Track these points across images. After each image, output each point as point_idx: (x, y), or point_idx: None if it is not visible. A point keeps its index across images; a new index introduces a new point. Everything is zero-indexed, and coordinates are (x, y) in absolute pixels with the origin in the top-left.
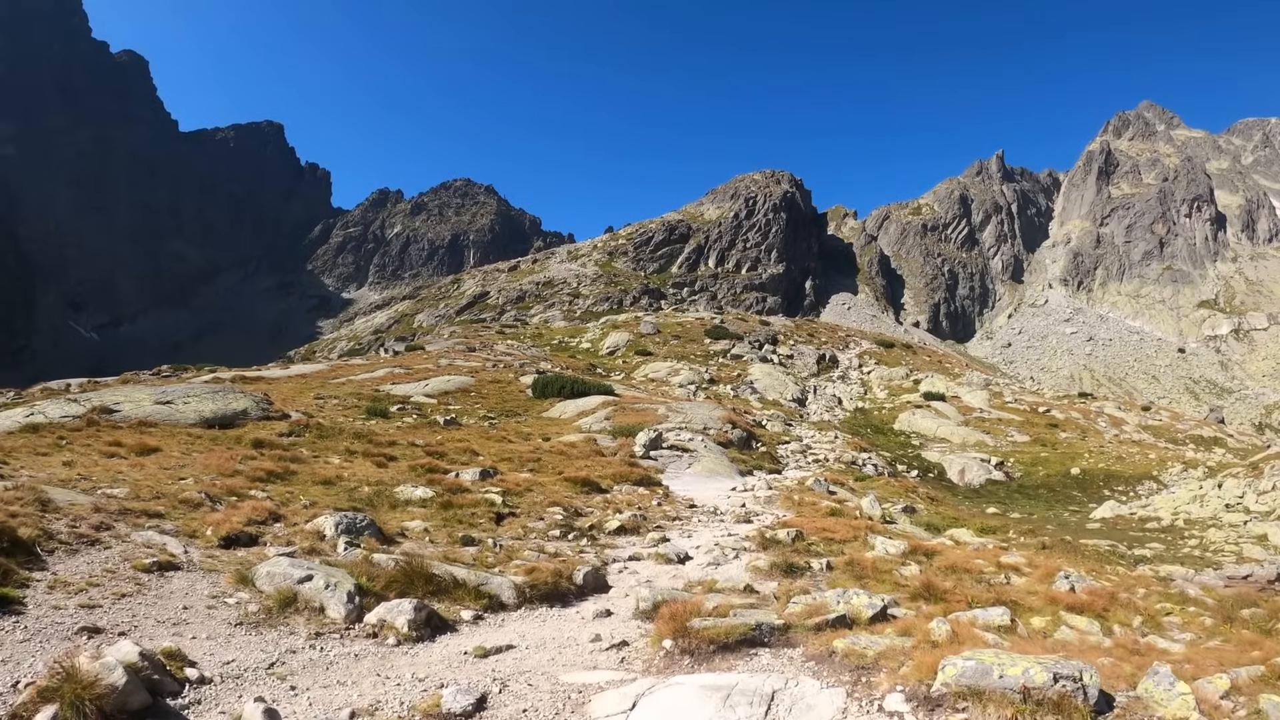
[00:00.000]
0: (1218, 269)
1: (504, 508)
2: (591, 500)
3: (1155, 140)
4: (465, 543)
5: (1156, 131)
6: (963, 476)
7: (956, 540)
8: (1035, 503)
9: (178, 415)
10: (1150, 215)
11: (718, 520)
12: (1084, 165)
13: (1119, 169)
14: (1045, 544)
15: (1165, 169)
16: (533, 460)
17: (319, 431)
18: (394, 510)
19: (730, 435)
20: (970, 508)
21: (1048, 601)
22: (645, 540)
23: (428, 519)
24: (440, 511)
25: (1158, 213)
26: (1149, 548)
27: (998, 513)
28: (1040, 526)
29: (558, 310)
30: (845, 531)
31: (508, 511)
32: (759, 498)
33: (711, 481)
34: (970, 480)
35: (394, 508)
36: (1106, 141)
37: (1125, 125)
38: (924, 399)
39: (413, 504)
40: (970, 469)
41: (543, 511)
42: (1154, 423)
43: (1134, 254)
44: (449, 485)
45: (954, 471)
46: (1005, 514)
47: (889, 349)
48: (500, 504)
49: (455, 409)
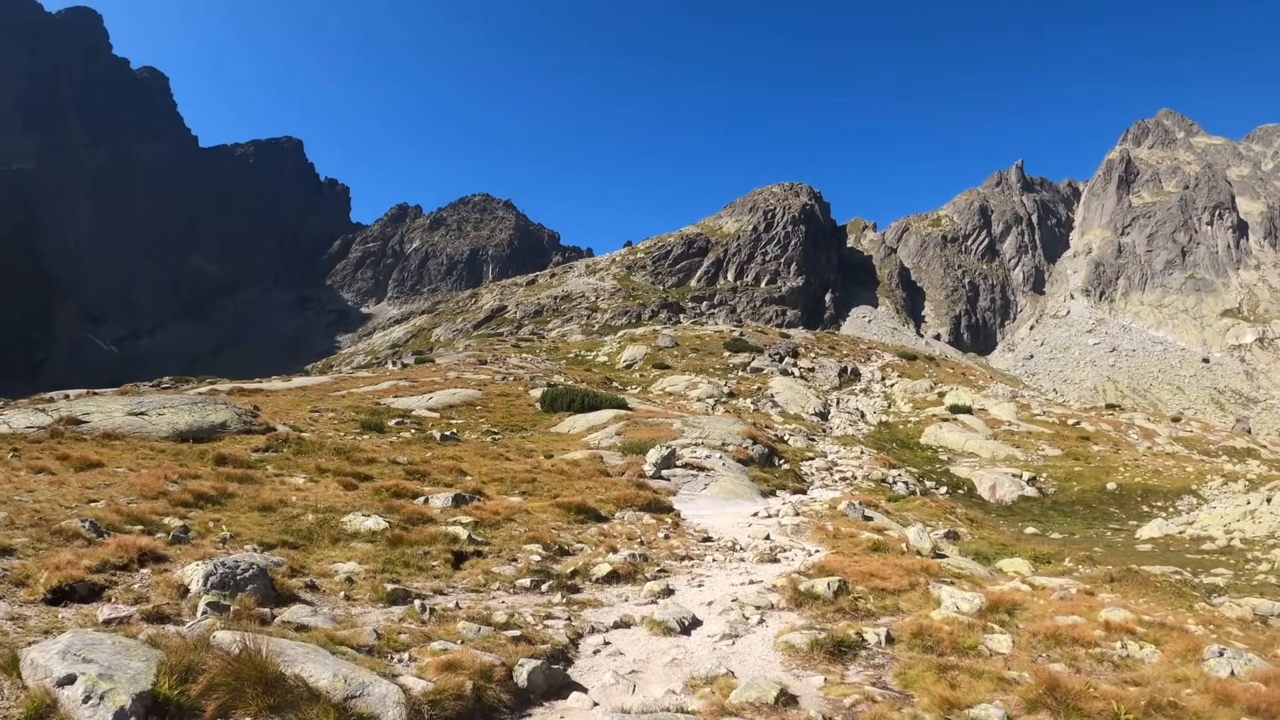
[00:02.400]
0: (1240, 277)
1: (469, 545)
2: (585, 532)
3: (1175, 148)
4: (393, 600)
5: (1176, 139)
6: (994, 493)
7: (1022, 577)
8: (1072, 520)
9: (149, 428)
10: (1172, 224)
11: (736, 558)
12: (1104, 174)
13: (1139, 177)
14: (1112, 575)
15: (1186, 177)
16: (527, 481)
17: (297, 447)
18: (332, 547)
19: (751, 452)
20: (1007, 527)
21: (1218, 700)
22: (642, 592)
23: (367, 559)
24: (386, 550)
25: (1179, 221)
26: (1217, 574)
27: (1037, 533)
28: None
29: (575, 324)
30: (897, 576)
31: (473, 550)
32: (785, 526)
33: (730, 505)
34: (1002, 497)
35: (334, 543)
36: (1126, 150)
37: (1145, 133)
38: (950, 412)
39: (359, 538)
40: (1002, 485)
41: (518, 550)
42: (1185, 434)
43: (1156, 263)
44: (410, 514)
45: (984, 488)
46: (1045, 534)
47: (911, 361)
48: (465, 540)
49: (457, 423)
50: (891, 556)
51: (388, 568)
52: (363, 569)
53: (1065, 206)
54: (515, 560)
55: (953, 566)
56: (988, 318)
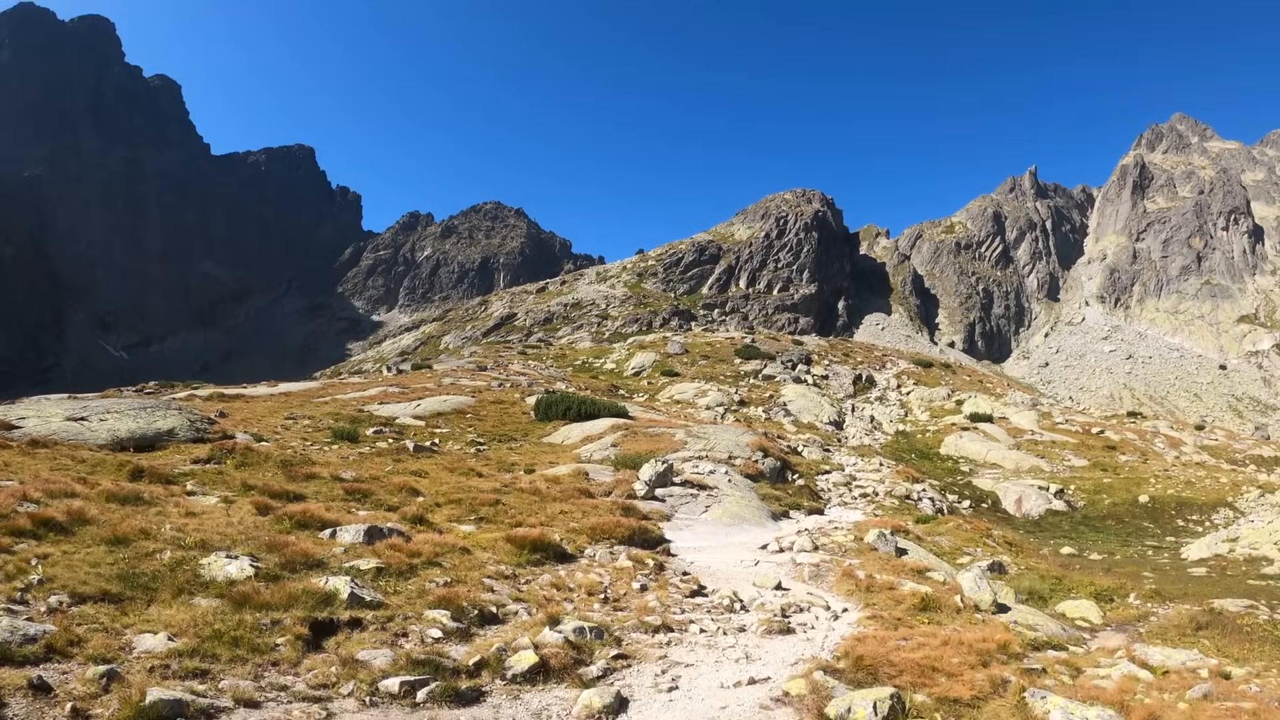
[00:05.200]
0: (1257, 282)
1: (347, 608)
2: (535, 582)
3: (1189, 153)
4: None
5: (1190, 144)
6: (1020, 507)
7: (1139, 660)
8: (1106, 537)
9: (87, 434)
10: (1187, 229)
11: (735, 626)
12: (1118, 180)
13: (1153, 183)
14: (1197, 620)
15: (1200, 181)
16: (489, 504)
17: (242, 458)
18: (170, 602)
19: (761, 465)
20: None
21: None
22: (577, 707)
23: (192, 627)
24: (226, 614)
25: (1194, 226)
26: None
27: (1074, 553)
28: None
29: (585, 332)
30: (968, 668)
31: (349, 617)
32: (801, 567)
33: (735, 533)
34: (1029, 511)
35: (176, 595)
36: (1140, 155)
37: (1158, 138)
38: (970, 420)
39: (211, 589)
40: (1028, 498)
41: (417, 617)
42: (1210, 442)
43: (1171, 269)
44: (293, 556)
45: (1010, 501)
46: (1082, 554)
47: (927, 369)
48: (344, 600)
49: (442, 432)
50: (949, 622)
51: (206, 646)
52: (170, 646)
53: (1079, 212)
54: (404, 636)
55: (1025, 627)
56: (1002, 325)
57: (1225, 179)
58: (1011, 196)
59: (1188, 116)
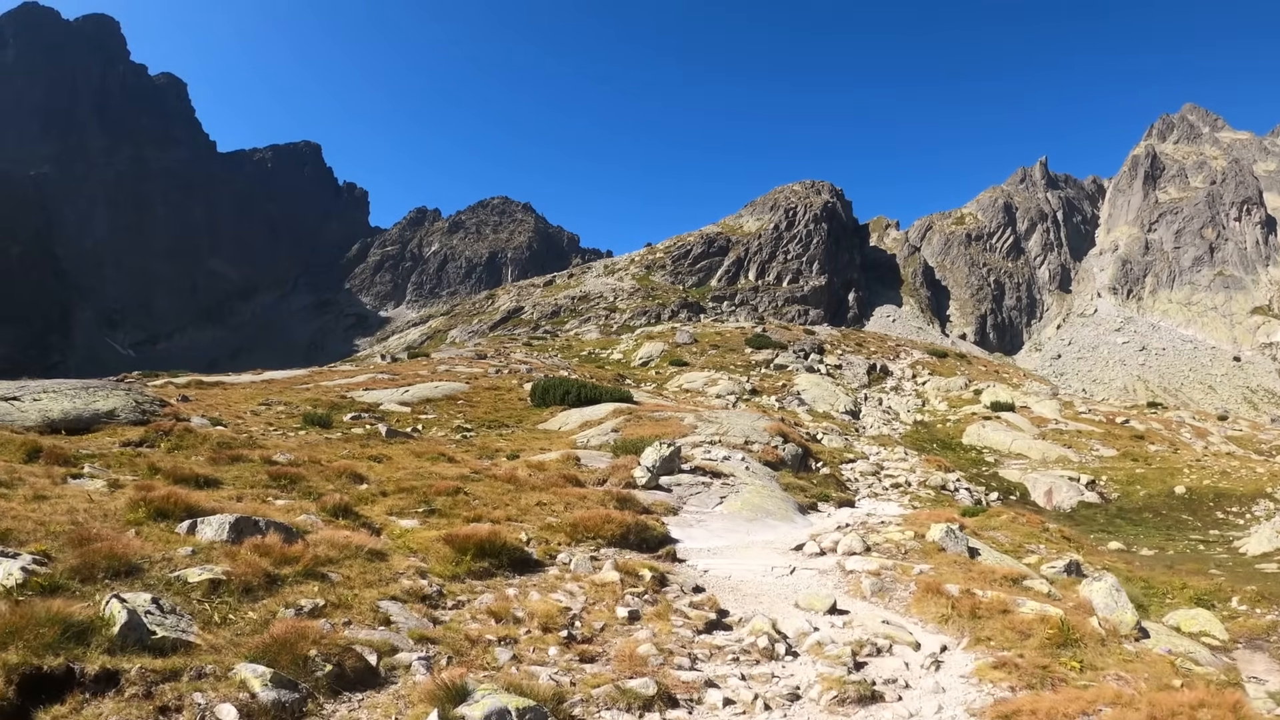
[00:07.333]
0: (1270, 273)
1: (112, 655)
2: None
3: (1201, 143)
4: None
5: (1201, 134)
6: (1050, 499)
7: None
8: (1145, 530)
9: (15, 415)
10: (1199, 220)
11: (783, 689)
12: (1129, 170)
13: (1165, 173)
14: None
15: (1212, 172)
16: (449, 492)
17: (178, 440)
18: None
19: (782, 452)
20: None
21: None
22: None
23: None
24: None
25: (1206, 217)
26: None
27: (1122, 548)
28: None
29: (593, 325)
30: None
31: (100, 670)
32: (854, 575)
33: (758, 529)
34: (1059, 503)
35: None
36: (1151, 145)
37: (1169, 128)
38: (992, 410)
39: None
40: (1059, 490)
41: (223, 672)
42: (1235, 433)
43: (1184, 260)
44: (95, 556)
45: (1039, 492)
46: (1131, 549)
47: (942, 359)
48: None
49: (428, 418)
50: (1104, 663)
51: None
52: None
53: (1090, 203)
54: (175, 713)
55: (1189, 661)
56: (1013, 317)
57: (1237, 169)
58: (1022, 187)
59: (1198, 107)
